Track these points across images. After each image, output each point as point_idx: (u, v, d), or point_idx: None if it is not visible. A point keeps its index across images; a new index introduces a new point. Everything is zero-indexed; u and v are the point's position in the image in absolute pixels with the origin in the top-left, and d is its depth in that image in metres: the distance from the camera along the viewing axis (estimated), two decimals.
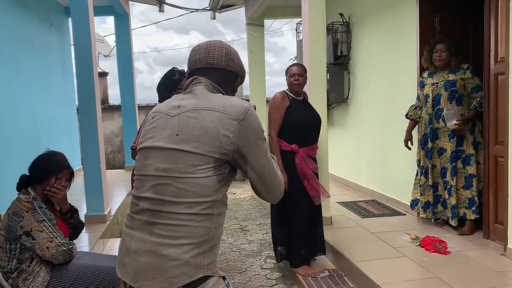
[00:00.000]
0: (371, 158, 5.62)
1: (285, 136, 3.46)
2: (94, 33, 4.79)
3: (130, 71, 8.18)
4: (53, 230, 2.28)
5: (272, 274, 3.83)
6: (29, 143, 5.72)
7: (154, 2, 8.10)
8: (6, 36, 5.42)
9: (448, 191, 3.93)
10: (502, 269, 3.09)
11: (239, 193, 8.07)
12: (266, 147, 1.44)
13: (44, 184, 2.41)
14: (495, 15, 3.45)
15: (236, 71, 1.57)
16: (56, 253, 2.27)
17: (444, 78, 3.93)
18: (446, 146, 3.94)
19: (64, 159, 2.51)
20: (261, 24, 7.76)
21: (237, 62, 1.57)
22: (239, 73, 1.58)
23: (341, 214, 4.68)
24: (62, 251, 2.29)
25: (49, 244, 2.25)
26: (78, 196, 5.46)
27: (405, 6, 4.62)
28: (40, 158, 2.45)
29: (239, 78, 1.60)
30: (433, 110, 3.97)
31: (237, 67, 1.57)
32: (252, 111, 1.40)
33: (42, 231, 2.25)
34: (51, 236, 2.26)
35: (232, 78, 1.57)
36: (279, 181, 1.48)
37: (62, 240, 2.29)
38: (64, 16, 8.00)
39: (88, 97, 4.55)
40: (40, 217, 2.26)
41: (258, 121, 1.41)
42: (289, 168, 3.42)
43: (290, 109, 3.46)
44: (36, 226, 2.24)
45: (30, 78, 6.13)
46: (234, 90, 1.60)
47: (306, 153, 3.46)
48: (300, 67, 3.54)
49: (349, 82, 6.14)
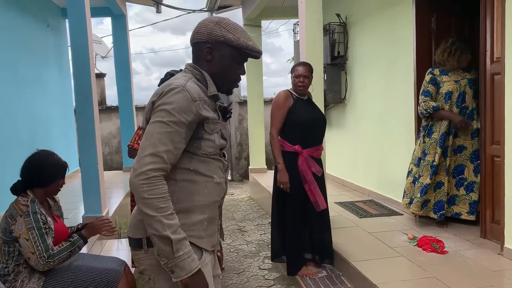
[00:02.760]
0: (369, 158, 5.63)
1: (289, 136, 3.42)
2: (91, 34, 4.79)
3: (127, 72, 8.16)
4: (38, 241, 2.23)
5: (270, 275, 3.83)
6: (26, 144, 5.70)
7: (151, 3, 8.10)
8: (2, 37, 5.41)
9: (467, 188, 3.94)
10: (499, 268, 3.10)
11: (237, 194, 8.08)
12: (164, 120, 1.43)
13: (49, 186, 2.41)
14: (490, 15, 3.46)
15: (202, 40, 1.56)
16: (35, 265, 2.25)
17: (463, 76, 3.94)
18: (466, 144, 3.94)
19: (60, 158, 2.51)
20: (258, 25, 7.77)
21: (204, 30, 1.55)
22: (207, 40, 1.55)
23: (338, 214, 4.68)
24: (41, 265, 2.25)
25: (30, 256, 2.23)
26: (75, 198, 5.45)
27: (401, 6, 4.64)
28: (41, 162, 2.41)
29: (207, 45, 1.55)
30: (457, 107, 3.94)
31: (202, 36, 1.56)
32: (177, 91, 1.46)
33: (28, 239, 2.22)
34: (34, 248, 2.22)
35: (199, 49, 1.58)
36: (145, 145, 1.43)
37: (43, 254, 2.24)
38: (61, 17, 7.99)
39: (85, 98, 4.54)
40: (30, 224, 2.23)
41: (176, 99, 1.45)
42: (291, 170, 3.39)
43: (294, 108, 3.42)
44: (24, 233, 2.22)
45: (27, 79, 6.12)
46: (207, 60, 1.58)
47: (310, 155, 3.42)
48: (307, 68, 3.47)
49: (346, 82, 6.16)
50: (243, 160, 9.92)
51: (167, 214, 1.39)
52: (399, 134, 4.82)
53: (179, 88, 1.46)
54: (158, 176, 1.40)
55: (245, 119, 9.61)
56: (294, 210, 3.45)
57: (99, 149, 4.74)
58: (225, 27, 1.55)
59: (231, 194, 8.08)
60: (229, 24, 1.57)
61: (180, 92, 1.46)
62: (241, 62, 1.62)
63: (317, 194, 3.41)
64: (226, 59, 1.57)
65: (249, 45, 1.56)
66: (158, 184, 1.40)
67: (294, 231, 3.47)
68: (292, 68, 3.55)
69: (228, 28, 1.54)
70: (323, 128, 3.58)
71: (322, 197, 3.43)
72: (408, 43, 4.48)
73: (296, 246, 3.50)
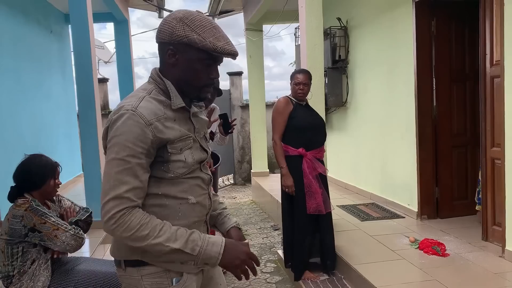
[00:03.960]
0: (371, 161, 5.64)
1: (292, 141, 3.48)
2: (94, 40, 4.84)
3: (130, 77, 8.22)
4: (56, 219, 2.30)
5: (272, 278, 3.85)
6: (30, 149, 5.65)
7: (153, 8, 8.15)
8: (6, 43, 5.47)
9: None
10: (500, 270, 3.10)
11: (240, 197, 8.10)
12: (118, 156, 1.29)
13: (43, 188, 2.44)
14: (490, 19, 3.48)
15: (164, 40, 1.35)
16: (66, 238, 2.28)
17: None
18: None
19: (50, 158, 2.53)
20: (260, 29, 7.81)
21: (166, 29, 1.34)
22: (169, 40, 1.34)
23: (340, 218, 4.69)
24: (71, 235, 2.30)
25: (56, 232, 2.26)
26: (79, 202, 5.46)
27: (401, 10, 4.66)
28: (29, 166, 2.44)
29: (170, 46, 1.35)
30: None
31: (163, 34, 1.35)
32: (126, 117, 1.29)
33: (45, 222, 2.26)
34: (55, 224, 2.27)
35: (162, 51, 1.39)
36: (106, 189, 1.30)
37: (68, 226, 2.31)
38: (64, 23, 8.05)
39: (88, 103, 4.58)
40: (40, 212, 2.28)
41: (127, 129, 1.29)
42: (297, 173, 3.44)
43: (294, 114, 3.49)
44: (37, 220, 2.26)
45: (30, 84, 6.17)
46: (170, 63, 1.38)
47: (314, 156, 3.48)
48: (306, 76, 3.53)
49: (348, 86, 6.18)
50: (245, 164, 9.93)
51: (155, 235, 1.30)
52: (400, 137, 4.83)
53: (128, 113, 1.29)
54: (124, 213, 1.29)
55: (247, 122, 9.64)
56: (301, 214, 3.47)
57: (102, 154, 4.77)
58: (189, 25, 1.32)
59: (233, 197, 8.10)
60: (195, 20, 1.33)
61: (130, 119, 1.29)
62: (211, 64, 1.39)
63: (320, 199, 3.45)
64: (192, 62, 1.36)
65: (218, 46, 1.32)
66: (128, 219, 1.29)
67: (301, 235, 3.49)
68: (292, 75, 3.60)
69: (193, 27, 1.31)
70: (322, 131, 3.64)
71: (322, 203, 3.46)
72: (409, 47, 4.50)
73: (303, 252, 3.51)
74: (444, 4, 4.38)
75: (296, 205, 3.49)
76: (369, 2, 5.44)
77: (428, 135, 4.44)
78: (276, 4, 6.52)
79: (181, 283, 1.43)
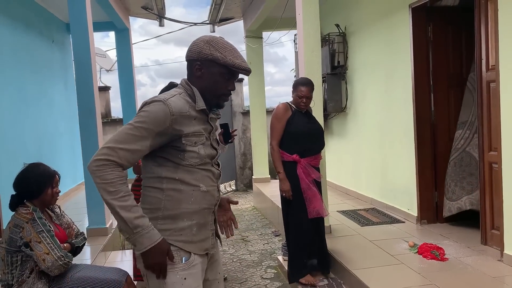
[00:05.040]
0: (371, 166, 5.66)
1: (287, 147, 3.52)
2: (94, 49, 4.89)
3: (131, 85, 8.28)
4: (51, 242, 2.32)
5: (272, 284, 3.86)
6: (32, 158, 5.70)
7: (154, 17, 8.22)
8: (9, 52, 5.53)
9: None
10: (499, 274, 3.11)
11: (241, 203, 8.10)
12: (135, 124, 1.58)
13: (41, 196, 2.47)
14: (485, 25, 3.51)
15: (193, 57, 1.70)
16: (51, 266, 2.31)
17: None
18: None
19: (48, 167, 2.57)
20: (260, 36, 7.85)
21: (195, 49, 1.69)
22: (197, 57, 1.68)
23: (340, 223, 4.70)
24: (58, 265, 2.33)
25: (45, 257, 2.29)
26: (80, 210, 5.52)
27: (398, 16, 4.70)
28: (27, 175, 2.48)
29: (197, 62, 1.69)
30: None
31: (193, 53, 1.70)
32: (157, 103, 1.60)
33: (40, 242, 2.29)
34: (49, 248, 2.30)
35: (191, 66, 1.72)
36: (111, 138, 1.58)
37: (59, 253, 2.33)
38: (65, 32, 8.14)
39: (89, 112, 4.62)
40: (39, 228, 2.31)
41: (153, 109, 1.59)
42: (292, 178, 3.48)
43: (292, 120, 3.52)
44: (35, 237, 2.29)
45: (33, 94, 6.23)
46: (197, 76, 1.71)
47: (308, 163, 3.51)
48: (309, 89, 3.54)
49: (347, 91, 6.21)
50: (247, 170, 9.96)
51: (118, 197, 1.54)
52: (399, 142, 4.85)
53: (160, 101, 1.60)
54: (108, 165, 1.53)
55: (248, 129, 9.66)
56: (298, 218, 3.51)
57: None
58: (214, 45, 1.67)
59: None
60: (218, 43, 1.69)
61: (159, 105, 1.60)
62: (230, 78, 1.73)
63: (317, 203, 3.49)
64: (215, 75, 1.70)
65: (236, 63, 1.67)
66: (107, 171, 1.53)
67: (297, 238, 3.54)
68: (295, 85, 3.59)
69: (217, 47, 1.67)
70: (320, 139, 3.67)
71: (321, 206, 3.50)
72: (407, 52, 4.53)
73: (298, 253, 3.54)
74: (440, 10, 4.41)
75: (292, 208, 3.52)
76: (367, 8, 5.49)
77: (427, 139, 4.46)
78: (275, 12, 6.57)
79: (190, 262, 1.69)
